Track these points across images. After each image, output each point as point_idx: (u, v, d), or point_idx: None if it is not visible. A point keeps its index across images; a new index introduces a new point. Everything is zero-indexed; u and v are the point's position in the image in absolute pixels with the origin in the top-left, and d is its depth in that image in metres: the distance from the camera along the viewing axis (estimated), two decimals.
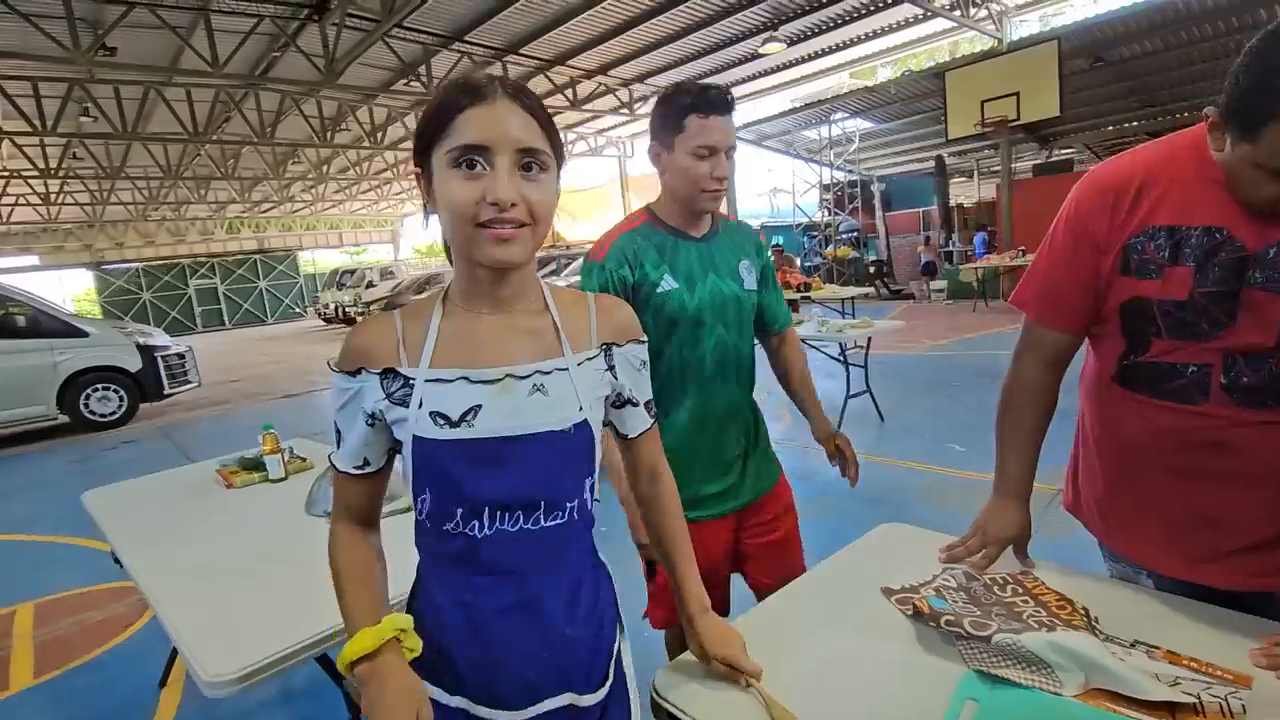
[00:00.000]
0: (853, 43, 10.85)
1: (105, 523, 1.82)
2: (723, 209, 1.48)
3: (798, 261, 11.90)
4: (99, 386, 7.19)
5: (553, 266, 13.92)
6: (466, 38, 9.54)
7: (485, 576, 0.78)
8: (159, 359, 7.42)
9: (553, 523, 0.79)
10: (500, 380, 0.76)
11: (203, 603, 1.33)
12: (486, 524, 0.76)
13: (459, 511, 0.76)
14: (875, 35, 10.58)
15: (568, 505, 0.80)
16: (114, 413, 7.31)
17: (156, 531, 1.74)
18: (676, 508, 0.97)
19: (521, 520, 0.77)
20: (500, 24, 9.19)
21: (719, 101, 1.27)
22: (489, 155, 0.71)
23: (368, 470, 0.82)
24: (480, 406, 0.75)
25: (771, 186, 18.15)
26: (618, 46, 10.13)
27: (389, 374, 0.77)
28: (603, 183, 18.40)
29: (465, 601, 0.79)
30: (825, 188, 15.49)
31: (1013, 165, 10.76)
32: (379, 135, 13.54)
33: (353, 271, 20.44)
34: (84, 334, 7.12)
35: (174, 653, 2.31)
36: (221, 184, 17.48)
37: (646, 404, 0.92)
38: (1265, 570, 1.00)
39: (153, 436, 6.85)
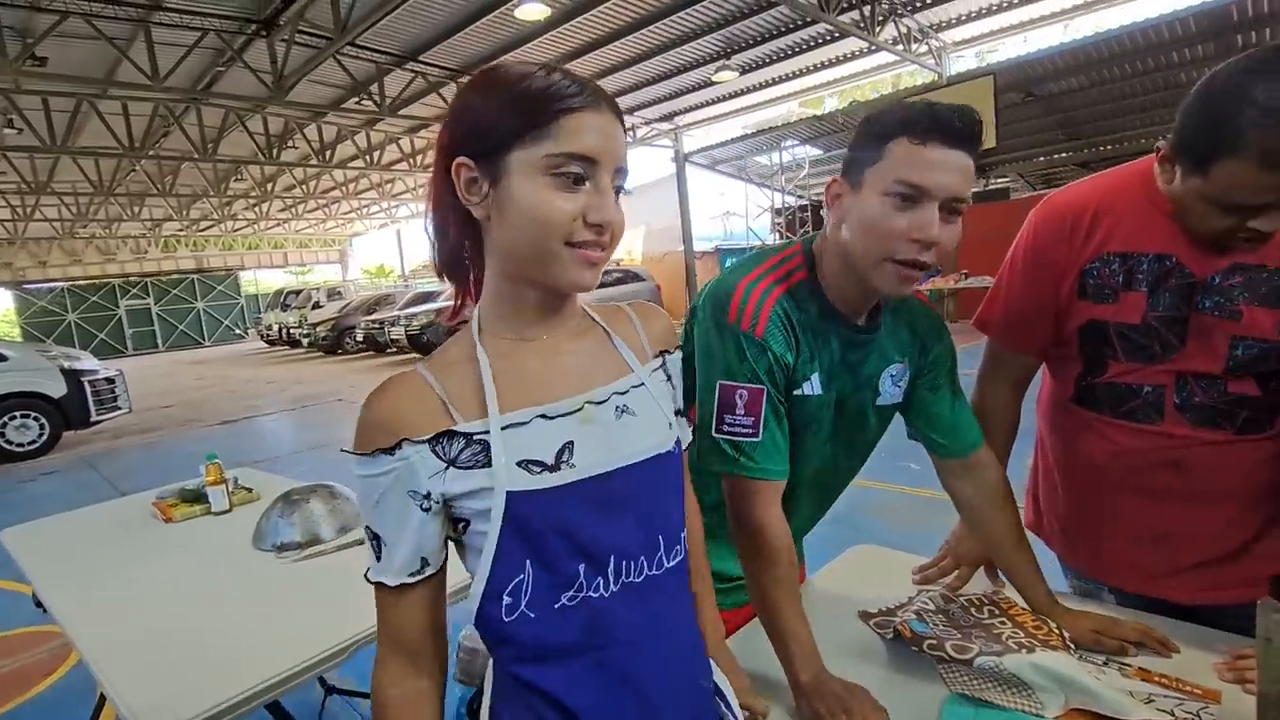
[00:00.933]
0: (802, 73, 11.22)
1: (27, 562, 1.67)
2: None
3: None
4: (17, 414, 6.72)
5: None
6: (421, 58, 9.47)
7: (625, 646, 0.65)
8: (86, 384, 6.99)
9: (675, 561, 0.69)
10: (580, 410, 0.66)
11: (141, 647, 1.22)
12: (612, 579, 0.64)
13: (581, 568, 0.63)
14: (823, 67, 10.97)
15: (681, 536, 0.71)
16: (33, 441, 6.83)
17: (87, 571, 1.60)
18: (700, 532, 0.87)
19: (646, 566, 0.66)
20: (456, 45, 9.16)
21: (947, 126, 0.82)
22: (594, 169, 0.61)
23: (427, 574, 0.65)
24: (572, 443, 0.64)
25: (725, 210, 18.48)
26: (573, 70, 10.21)
27: (444, 438, 0.62)
28: None
29: (617, 686, 0.65)
30: (777, 212, 15.86)
31: None
32: (328, 153, 13.25)
33: (298, 292, 19.82)
34: (1, 358, 6.66)
35: (100, 703, 2.13)
36: (157, 201, 16.75)
37: (688, 415, 0.82)
38: (1220, 584, 1.04)
39: (76, 467, 6.42)
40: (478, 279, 0.70)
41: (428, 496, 0.62)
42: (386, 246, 32.53)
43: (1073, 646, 0.97)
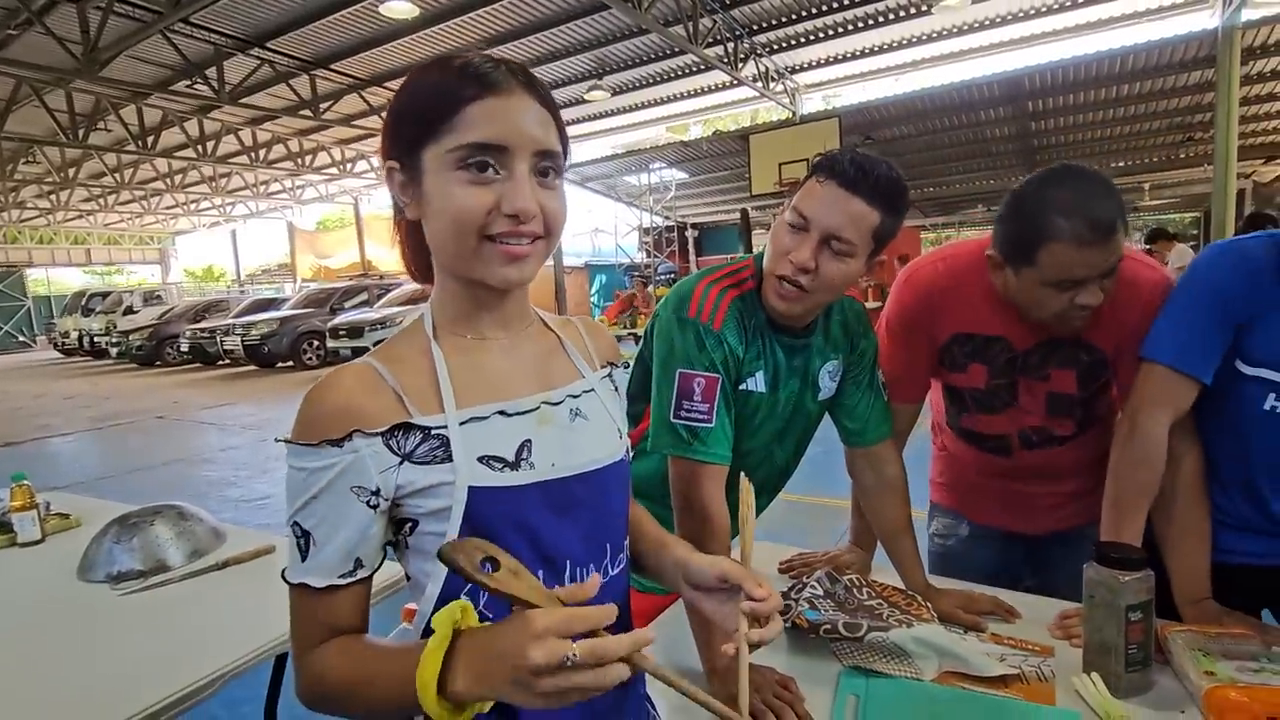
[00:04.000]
0: (670, 100, 11.71)
1: None
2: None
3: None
4: None
5: (363, 297, 12.96)
6: (269, 44, 8.73)
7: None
8: None
9: (618, 569, 0.68)
10: (536, 409, 0.65)
11: None
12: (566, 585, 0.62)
13: (540, 574, 0.61)
14: (689, 95, 11.54)
15: (624, 544, 0.71)
16: None
17: None
18: (646, 515, 0.83)
19: (595, 573, 0.65)
20: (310, 35, 8.56)
21: (841, 171, 0.94)
22: (505, 157, 0.58)
23: (360, 576, 0.60)
24: (530, 441, 0.63)
25: (594, 227, 18.70)
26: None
27: (399, 430, 0.59)
28: None
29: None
30: (645, 231, 16.33)
31: None
32: (150, 140, 11.74)
33: (105, 294, 17.29)
34: None
35: None
36: None
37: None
38: (1065, 518, 1.35)
39: None
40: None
41: (375, 493, 0.59)
42: (219, 247, 29.27)
43: (937, 619, 1.10)
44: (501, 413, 0.63)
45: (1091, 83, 9.05)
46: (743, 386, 1.05)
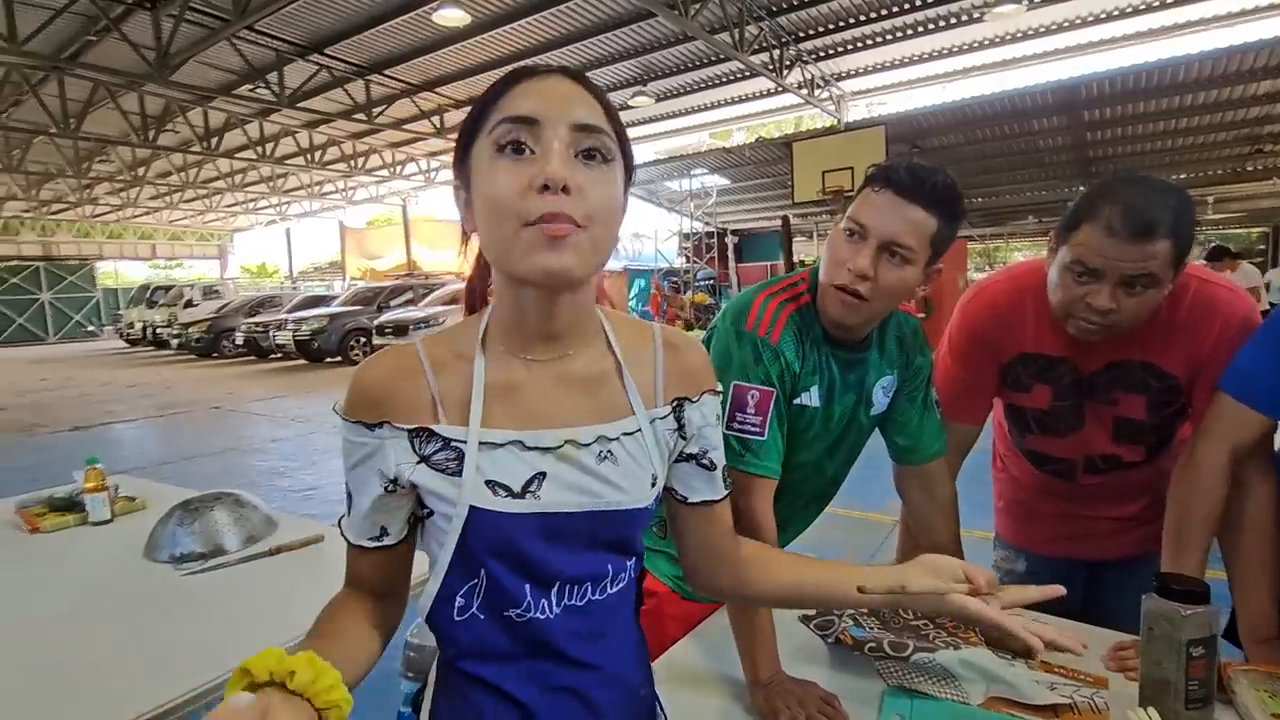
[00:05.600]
0: (713, 106, 11.70)
1: None
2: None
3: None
4: None
5: (409, 296, 13.28)
6: (327, 50, 9.04)
7: (568, 658, 0.65)
8: None
9: (618, 587, 0.68)
10: (559, 448, 0.63)
11: (19, 673, 1.07)
12: (554, 602, 0.64)
13: (528, 588, 0.62)
14: (733, 102, 11.51)
15: (628, 565, 0.69)
16: None
17: None
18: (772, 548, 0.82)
19: (590, 591, 0.65)
20: (366, 41, 8.83)
21: (896, 179, 0.93)
22: (538, 131, 0.55)
23: (385, 543, 0.65)
24: (544, 475, 0.62)
25: (634, 231, 18.80)
26: (490, 79, 10.10)
27: (423, 433, 0.61)
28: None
29: (560, 691, 0.66)
30: (685, 236, 16.34)
31: None
32: (214, 141, 12.27)
33: (168, 288, 18.09)
34: None
35: None
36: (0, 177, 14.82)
37: (724, 470, 0.75)
38: (1125, 545, 1.33)
39: None
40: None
41: (394, 481, 0.62)
42: (273, 244, 30.34)
43: (984, 643, 1.07)
44: (519, 444, 0.62)
45: (1153, 92, 8.72)
46: (797, 401, 1.04)
